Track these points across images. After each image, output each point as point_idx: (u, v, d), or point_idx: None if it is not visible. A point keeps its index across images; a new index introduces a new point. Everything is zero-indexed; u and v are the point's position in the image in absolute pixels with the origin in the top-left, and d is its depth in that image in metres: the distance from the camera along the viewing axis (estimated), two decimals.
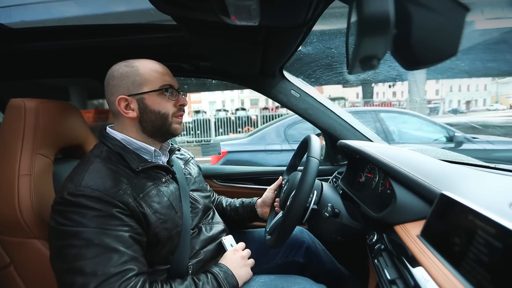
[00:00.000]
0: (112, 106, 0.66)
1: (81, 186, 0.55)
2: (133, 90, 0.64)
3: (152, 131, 0.68)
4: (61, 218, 0.53)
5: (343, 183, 0.92)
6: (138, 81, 0.64)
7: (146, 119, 0.66)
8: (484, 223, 0.36)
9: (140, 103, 0.65)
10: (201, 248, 0.72)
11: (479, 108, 24.63)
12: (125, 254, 0.53)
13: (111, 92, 0.65)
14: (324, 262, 0.93)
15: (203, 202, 0.80)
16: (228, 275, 0.65)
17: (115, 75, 0.65)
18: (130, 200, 0.58)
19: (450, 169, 0.64)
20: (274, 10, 0.49)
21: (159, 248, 0.63)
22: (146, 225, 0.60)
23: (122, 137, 0.66)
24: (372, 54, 0.32)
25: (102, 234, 0.52)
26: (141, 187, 0.62)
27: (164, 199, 0.65)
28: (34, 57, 1.04)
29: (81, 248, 0.51)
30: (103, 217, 0.54)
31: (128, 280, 0.52)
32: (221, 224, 0.85)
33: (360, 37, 0.31)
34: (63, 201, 0.54)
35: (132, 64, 0.66)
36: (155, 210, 0.62)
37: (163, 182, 0.68)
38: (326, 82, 1.41)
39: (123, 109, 0.64)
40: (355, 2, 0.31)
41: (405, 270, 0.45)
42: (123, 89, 0.64)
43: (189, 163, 0.88)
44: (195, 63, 1.11)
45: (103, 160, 0.62)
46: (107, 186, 0.56)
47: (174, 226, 0.66)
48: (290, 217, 0.64)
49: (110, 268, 0.51)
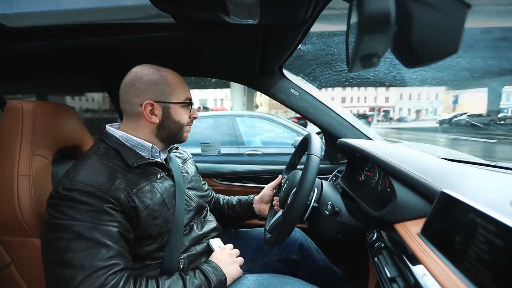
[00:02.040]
0: (132, 106, 0.67)
1: (75, 181, 0.56)
2: (161, 98, 0.67)
3: (166, 137, 0.72)
4: (54, 212, 0.54)
5: (343, 181, 0.92)
6: (167, 90, 0.68)
7: (165, 126, 0.70)
8: (485, 221, 0.36)
9: (165, 111, 0.69)
10: (192, 245, 0.74)
11: (428, 118, 24.63)
12: (113, 249, 0.54)
13: (136, 94, 0.66)
14: (316, 260, 0.94)
15: (197, 201, 0.81)
16: (216, 270, 0.67)
17: (144, 79, 0.66)
18: (122, 195, 0.59)
19: (450, 167, 0.64)
20: (274, 8, 0.49)
21: (148, 243, 0.64)
22: (136, 220, 0.61)
23: (121, 134, 0.67)
24: (373, 52, 0.32)
25: (92, 228, 0.53)
26: (135, 182, 0.63)
27: (157, 195, 0.66)
28: (34, 57, 1.04)
29: (70, 241, 0.52)
30: (95, 212, 0.55)
31: (113, 274, 0.53)
32: (213, 222, 0.85)
33: (361, 35, 0.31)
34: (58, 195, 0.55)
35: (161, 72, 0.68)
36: (146, 206, 0.63)
37: (158, 179, 0.69)
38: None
39: (148, 113, 0.66)
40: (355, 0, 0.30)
41: (405, 268, 0.45)
42: (151, 95, 0.66)
43: (187, 162, 0.89)
44: (195, 62, 1.11)
45: (99, 156, 0.63)
46: (100, 182, 0.57)
47: (165, 223, 0.67)
48: (291, 214, 0.64)
49: (97, 261, 0.52)
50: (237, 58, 0.90)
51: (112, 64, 1.14)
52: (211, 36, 0.70)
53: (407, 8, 0.30)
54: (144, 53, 1.04)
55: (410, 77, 1.70)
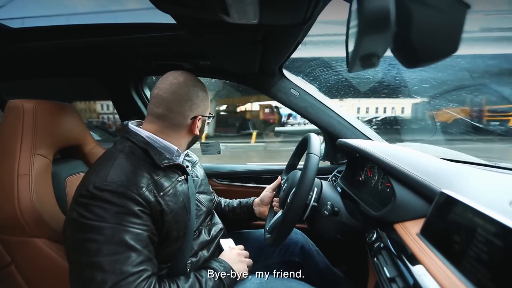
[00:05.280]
0: (183, 119, 0.69)
1: (107, 180, 0.55)
2: (204, 112, 0.73)
3: (192, 144, 0.78)
4: (84, 211, 0.53)
5: (342, 181, 0.92)
6: (207, 105, 0.74)
7: (198, 137, 0.76)
8: (484, 221, 0.36)
9: (203, 124, 0.76)
10: (200, 249, 0.74)
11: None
12: (142, 254, 0.54)
13: (191, 109, 0.69)
14: (317, 262, 0.94)
15: (207, 205, 0.81)
16: (227, 269, 0.68)
17: (200, 96, 0.70)
18: (152, 198, 0.58)
19: (450, 168, 0.64)
20: (274, 8, 0.49)
21: (164, 247, 0.64)
22: (161, 224, 0.61)
23: (147, 134, 0.66)
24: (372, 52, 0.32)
25: (123, 231, 0.53)
26: (161, 185, 0.63)
27: (180, 199, 0.66)
28: (34, 57, 1.04)
29: (101, 243, 0.51)
30: (125, 214, 0.54)
31: (143, 280, 0.52)
32: (220, 224, 0.86)
33: (360, 35, 0.31)
34: (89, 194, 0.54)
35: (204, 88, 0.73)
36: (171, 210, 0.62)
37: (178, 182, 0.69)
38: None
39: (195, 126, 0.71)
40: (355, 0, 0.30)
41: (405, 268, 0.45)
42: (202, 110, 0.72)
43: (196, 165, 0.89)
44: (195, 62, 1.11)
45: (126, 155, 0.62)
46: (132, 182, 0.57)
47: (183, 227, 0.66)
48: (291, 214, 0.64)
49: (128, 266, 0.51)
50: (237, 58, 0.90)
51: (113, 64, 1.14)
52: (211, 36, 0.70)
53: (407, 8, 0.30)
54: (144, 53, 1.04)
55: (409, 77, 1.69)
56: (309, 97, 1.15)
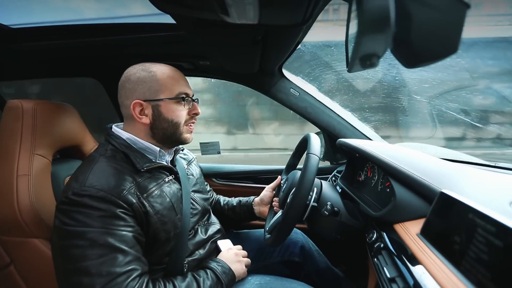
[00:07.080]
0: (125, 109, 0.65)
1: (86, 185, 0.54)
2: (149, 96, 0.64)
3: (163, 138, 0.68)
4: (65, 218, 0.53)
5: (342, 181, 0.92)
6: (155, 87, 0.64)
7: (158, 126, 0.66)
8: (484, 221, 0.36)
9: (154, 109, 0.64)
10: (196, 249, 0.73)
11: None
12: (130, 254, 0.53)
13: (126, 95, 0.64)
14: (317, 262, 0.94)
15: (202, 204, 0.80)
16: (225, 269, 0.67)
17: (132, 79, 0.64)
18: (134, 200, 0.57)
19: (449, 168, 0.64)
20: (273, 8, 0.49)
21: (155, 249, 0.63)
22: (146, 225, 0.60)
23: (127, 136, 0.66)
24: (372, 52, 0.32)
25: (106, 234, 0.52)
26: (145, 186, 0.62)
27: (167, 200, 0.65)
28: (34, 57, 1.04)
29: (85, 248, 0.50)
30: (107, 217, 0.53)
31: (133, 280, 0.52)
32: (217, 224, 0.85)
33: (360, 35, 0.30)
34: (68, 200, 0.53)
35: (150, 69, 0.65)
36: (157, 211, 0.62)
37: (166, 182, 0.68)
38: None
39: (137, 114, 0.64)
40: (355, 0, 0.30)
41: (405, 269, 0.45)
42: (139, 94, 0.63)
43: (192, 163, 0.88)
44: (194, 62, 1.10)
45: (107, 159, 0.61)
46: (112, 186, 0.56)
47: (173, 228, 0.66)
48: (291, 214, 0.64)
49: (115, 268, 0.51)
50: (236, 58, 0.90)
51: (112, 64, 1.14)
52: (210, 36, 0.70)
53: (406, 8, 0.30)
54: (144, 53, 1.04)
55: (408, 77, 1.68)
56: (309, 97, 1.15)
